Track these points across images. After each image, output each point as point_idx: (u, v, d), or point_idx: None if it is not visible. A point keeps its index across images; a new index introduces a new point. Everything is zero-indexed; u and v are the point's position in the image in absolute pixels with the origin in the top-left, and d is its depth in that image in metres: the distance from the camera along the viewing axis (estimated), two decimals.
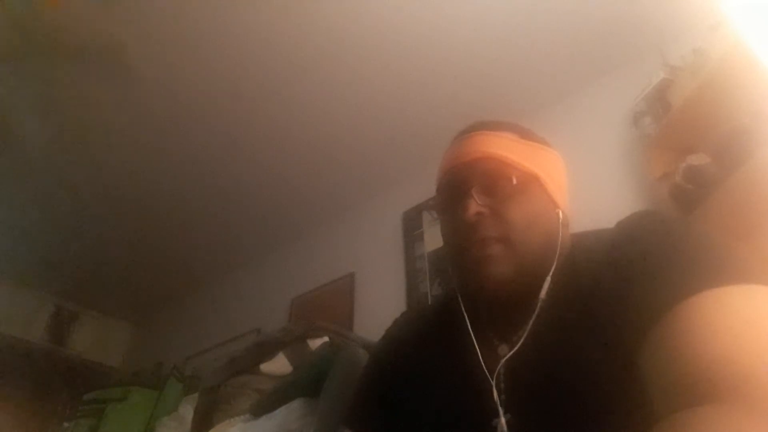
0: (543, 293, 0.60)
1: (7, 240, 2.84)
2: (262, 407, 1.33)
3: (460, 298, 0.69)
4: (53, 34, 1.80)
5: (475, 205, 0.62)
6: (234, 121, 2.21)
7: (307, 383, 1.29)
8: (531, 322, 0.60)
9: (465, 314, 0.66)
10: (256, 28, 1.83)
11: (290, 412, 1.25)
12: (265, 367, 1.57)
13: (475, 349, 0.62)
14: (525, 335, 0.59)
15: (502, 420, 0.55)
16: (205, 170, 2.47)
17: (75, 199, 2.61)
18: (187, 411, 1.86)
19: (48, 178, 2.47)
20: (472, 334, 0.63)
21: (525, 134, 0.69)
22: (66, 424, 2.48)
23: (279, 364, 1.57)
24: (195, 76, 2.01)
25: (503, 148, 0.66)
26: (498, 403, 0.56)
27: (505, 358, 0.59)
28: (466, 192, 0.64)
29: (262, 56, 1.93)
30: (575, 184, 0.77)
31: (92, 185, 2.54)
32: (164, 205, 2.70)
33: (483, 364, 0.60)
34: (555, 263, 0.62)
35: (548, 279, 0.61)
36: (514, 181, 0.63)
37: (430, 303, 2.03)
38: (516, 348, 0.59)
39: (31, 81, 1.99)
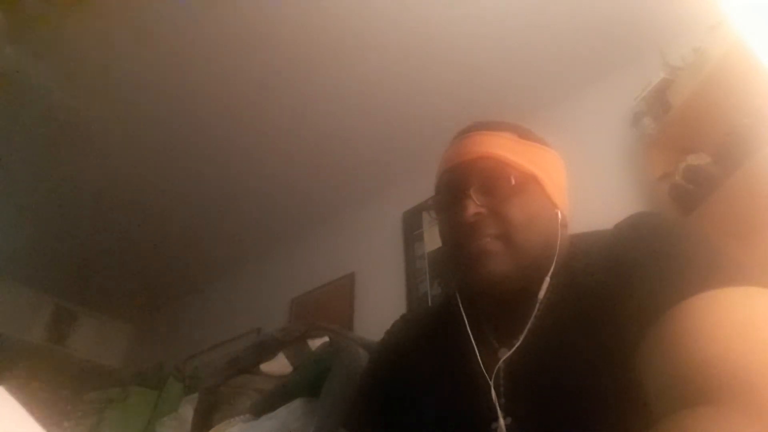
0: (542, 294, 0.60)
1: (7, 240, 2.84)
2: (262, 407, 1.33)
3: (459, 300, 0.68)
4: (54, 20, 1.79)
5: (474, 206, 0.62)
6: (234, 121, 2.21)
7: (307, 383, 1.29)
8: (530, 324, 0.60)
9: (464, 316, 0.66)
10: (255, 27, 1.83)
11: (290, 412, 1.25)
12: (265, 367, 1.57)
13: (474, 351, 0.62)
14: (523, 337, 0.59)
15: (502, 423, 0.54)
16: (205, 170, 2.47)
17: (75, 199, 2.61)
18: (187, 411, 1.86)
19: (48, 178, 2.47)
20: (471, 336, 0.63)
21: (524, 134, 0.69)
22: (66, 424, 2.48)
23: (279, 364, 1.57)
24: (195, 76, 2.00)
25: (502, 148, 0.65)
26: (497, 405, 0.56)
27: (503, 360, 0.59)
28: (464, 192, 0.64)
29: (262, 56, 1.93)
30: (575, 184, 0.77)
31: (92, 185, 2.53)
32: (164, 205, 2.70)
33: (482, 366, 0.60)
34: (554, 264, 0.62)
35: (547, 279, 0.61)
36: (513, 181, 0.63)
37: (429, 305, 2.03)
38: (514, 349, 0.59)
39: (30, 77, 1.99)
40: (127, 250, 3.02)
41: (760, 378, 0.36)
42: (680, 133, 1.50)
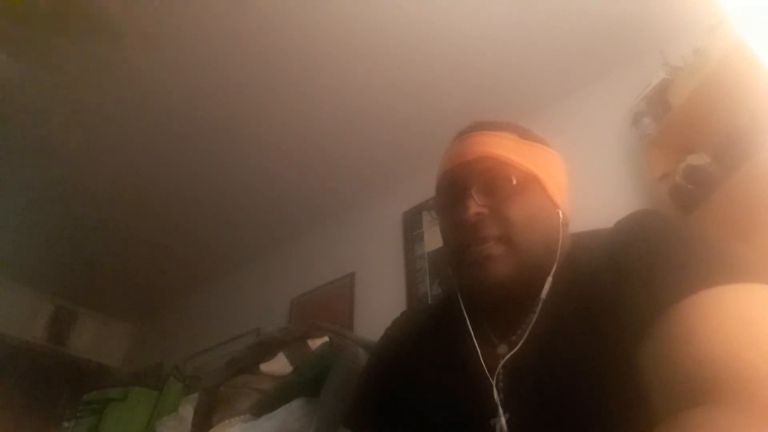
0: (544, 293, 0.60)
1: (8, 240, 2.84)
2: (262, 407, 1.33)
3: (460, 298, 0.68)
4: (52, 20, 1.78)
5: (475, 205, 0.63)
6: (234, 121, 2.21)
7: (307, 383, 1.29)
8: (531, 322, 0.60)
9: (465, 313, 0.66)
10: (256, 26, 1.83)
11: (290, 412, 1.25)
12: (265, 367, 1.57)
13: (475, 348, 0.62)
14: (525, 335, 0.59)
15: (502, 419, 0.55)
16: (205, 170, 2.47)
17: (75, 199, 2.61)
18: (187, 411, 1.86)
19: (48, 178, 2.47)
20: (472, 334, 0.63)
21: (524, 134, 0.69)
22: (66, 424, 2.48)
23: (279, 364, 1.57)
24: (195, 76, 2.00)
25: (503, 148, 0.66)
26: (498, 402, 0.56)
27: (505, 358, 0.59)
28: (465, 192, 0.64)
29: (262, 55, 1.93)
30: (575, 184, 0.77)
31: (92, 185, 2.53)
32: (164, 205, 2.70)
33: (483, 363, 0.60)
34: (556, 263, 0.62)
35: (549, 279, 0.61)
36: (514, 181, 0.63)
37: (429, 303, 2.02)
38: (516, 348, 0.59)
39: (30, 79, 1.99)
40: (127, 250, 3.02)
41: (764, 376, 0.36)
42: (680, 133, 1.50)
